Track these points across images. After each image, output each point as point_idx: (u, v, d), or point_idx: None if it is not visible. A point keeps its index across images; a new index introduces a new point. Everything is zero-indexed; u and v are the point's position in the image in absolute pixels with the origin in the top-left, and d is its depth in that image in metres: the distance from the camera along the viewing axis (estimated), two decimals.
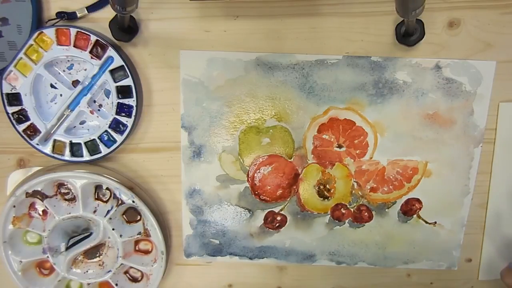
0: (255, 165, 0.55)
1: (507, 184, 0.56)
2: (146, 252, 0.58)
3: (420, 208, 0.57)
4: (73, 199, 0.56)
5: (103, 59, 0.50)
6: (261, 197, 0.56)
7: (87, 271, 0.58)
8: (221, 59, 0.52)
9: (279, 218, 0.57)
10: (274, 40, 0.51)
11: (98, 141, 0.52)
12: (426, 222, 0.57)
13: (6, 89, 0.50)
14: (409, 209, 0.57)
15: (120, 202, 0.55)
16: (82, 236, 0.58)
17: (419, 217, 0.57)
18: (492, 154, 0.55)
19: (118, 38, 0.50)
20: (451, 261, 0.59)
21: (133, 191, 0.54)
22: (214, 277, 0.61)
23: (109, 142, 0.53)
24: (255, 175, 0.56)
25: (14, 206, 0.54)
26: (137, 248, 0.58)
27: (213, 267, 0.60)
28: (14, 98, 0.51)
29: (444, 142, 0.54)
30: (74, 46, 0.49)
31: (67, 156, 0.53)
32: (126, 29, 0.49)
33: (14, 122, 0.51)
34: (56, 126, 0.52)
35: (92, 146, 0.53)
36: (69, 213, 0.54)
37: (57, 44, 0.49)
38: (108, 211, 0.54)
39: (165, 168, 0.56)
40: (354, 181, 0.56)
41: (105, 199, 0.56)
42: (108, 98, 0.53)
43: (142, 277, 0.59)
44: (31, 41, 0.49)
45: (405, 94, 0.53)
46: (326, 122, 0.54)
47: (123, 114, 0.51)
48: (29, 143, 0.52)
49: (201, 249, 0.59)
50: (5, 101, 0.51)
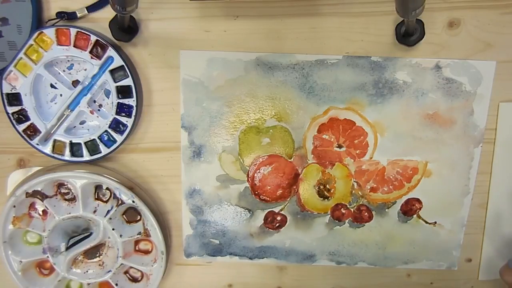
0: (255, 165, 0.55)
1: (507, 184, 0.56)
2: (146, 252, 0.58)
3: (420, 208, 0.57)
4: (73, 199, 0.56)
5: (103, 59, 0.50)
6: (261, 197, 0.56)
7: (87, 271, 0.58)
8: (221, 59, 0.52)
9: (279, 218, 0.57)
10: (274, 40, 0.51)
11: (98, 141, 0.52)
12: (426, 222, 0.57)
13: (6, 89, 0.50)
14: (409, 209, 0.57)
15: (120, 202, 0.55)
16: (82, 236, 0.58)
17: (419, 217, 0.57)
18: (492, 154, 0.55)
19: (118, 38, 0.50)
20: (451, 261, 0.59)
21: (133, 191, 0.54)
22: (214, 277, 0.61)
23: (109, 142, 0.53)
24: (255, 175, 0.56)
25: (14, 206, 0.54)
26: (137, 248, 0.58)
27: (213, 267, 0.60)
28: (14, 98, 0.51)
29: (444, 142, 0.54)
30: (74, 46, 0.49)
31: (67, 156, 0.53)
32: (126, 29, 0.49)
33: (14, 122, 0.51)
34: (56, 126, 0.52)
35: (92, 146, 0.53)
36: (69, 213, 0.54)
37: (57, 44, 0.49)
38: (108, 211, 0.54)
39: (165, 168, 0.56)
40: (354, 181, 0.56)
41: (105, 199, 0.56)
42: (108, 98, 0.53)
43: (142, 277, 0.59)
44: (31, 41, 0.49)
45: (405, 94, 0.53)
46: (326, 122, 0.54)
47: (123, 114, 0.51)
48: (29, 143, 0.52)
49: (201, 249, 0.59)
50: (5, 101, 0.51)
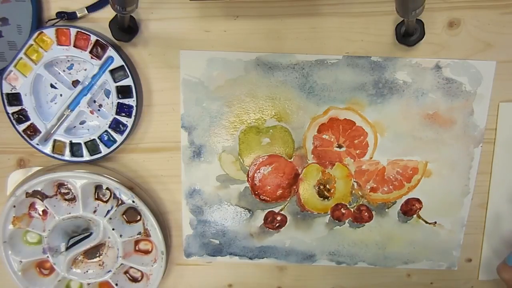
0: (255, 165, 0.55)
1: (507, 184, 0.56)
2: (146, 252, 0.58)
3: (420, 208, 0.57)
4: (73, 199, 0.56)
5: (103, 59, 0.50)
6: (261, 197, 0.56)
7: (87, 271, 0.58)
8: (221, 59, 0.52)
9: (279, 218, 0.57)
10: (274, 40, 0.51)
11: (98, 141, 0.52)
12: (426, 222, 0.57)
13: (6, 89, 0.50)
14: (409, 209, 0.57)
15: (120, 202, 0.55)
16: (82, 236, 0.58)
17: (419, 217, 0.57)
18: (492, 154, 0.55)
19: (118, 38, 0.50)
20: (451, 261, 0.59)
21: (133, 191, 0.54)
22: (214, 277, 0.61)
23: (109, 142, 0.53)
24: (255, 175, 0.56)
25: (14, 206, 0.54)
26: (137, 248, 0.58)
27: (213, 267, 0.60)
28: (14, 98, 0.51)
29: (444, 142, 0.54)
30: (74, 46, 0.49)
31: (67, 156, 0.53)
32: (126, 29, 0.49)
33: (14, 122, 0.51)
34: (56, 126, 0.52)
35: (92, 146, 0.53)
36: (69, 213, 0.54)
37: (57, 44, 0.49)
38: (108, 211, 0.54)
39: (165, 168, 0.56)
40: (354, 181, 0.56)
41: (105, 199, 0.56)
42: (108, 98, 0.53)
43: (142, 277, 0.59)
44: (31, 41, 0.49)
45: (405, 94, 0.53)
46: (326, 122, 0.54)
47: (123, 114, 0.51)
48: (29, 143, 0.52)
49: (201, 249, 0.59)
50: (5, 101, 0.51)
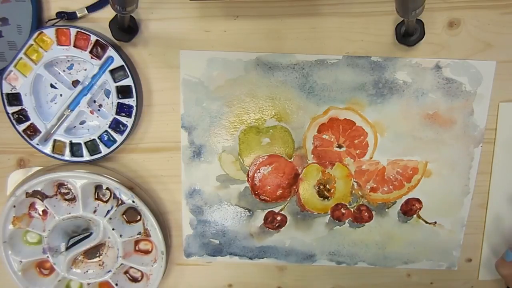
0: (255, 165, 0.55)
1: (507, 184, 0.56)
2: (146, 252, 0.58)
3: (420, 208, 0.57)
4: (73, 199, 0.56)
5: (103, 59, 0.50)
6: (261, 197, 0.56)
7: (87, 271, 0.58)
8: (221, 59, 0.52)
9: (279, 218, 0.57)
10: (274, 40, 0.51)
11: (98, 141, 0.52)
12: (426, 222, 0.57)
13: (6, 89, 0.50)
14: (409, 209, 0.57)
15: (120, 202, 0.55)
16: (82, 236, 0.58)
17: (419, 217, 0.57)
18: (492, 154, 0.55)
19: (118, 38, 0.50)
20: (451, 261, 0.59)
21: (133, 191, 0.54)
22: (214, 277, 0.61)
23: (109, 142, 0.53)
24: (255, 175, 0.56)
25: (14, 206, 0.54)
26: (137, 248, 0.58)
27: (213, 267, 0.60)
28: (14, 98, 0.51)
29: (444, 142, 0.54)
30: (74, 46, 0.49)
31: (67, 156, 0.53)
32: (126, 29, 0.49)
33: (14, 122, 0.51)
34: (56, 126, 0.52)
35: (92, 146, 0.53)
36: (69, 213, 0.54)
37: (57, 44, 0.49)
38: (108, 211, 0.54)
39: (165, 168, 0.56)
40: (354, 181, 0.56)
41: (105, 199, 0.56)
42: (108, 98, 0.53)
43: (142, 277, 0.59)
44: (31, 41, 0.49)
45: (405, 94, 0.53)
46: (326, 122, 0.54)
47: (123, 114, 0.51)
48: (29, 143, 0.52)
49: (201, 249, 0.59)
50: (5, 101, 0.51)
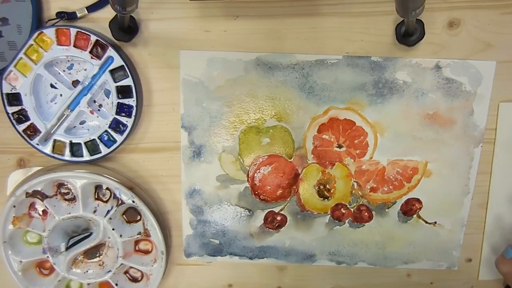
0: (255, 165, 0.55)
1: (507, 184, 0.56)
2: (146, 252, 0.58)
3: (420, 208, 0.57)
4: (73, 199, 0.56)
5: (103, 59, 0.50)
6: (261, 197, 0.56)
7: (87, 271, 0.58)
8: (221, 59, 0.52)
9: (279, 218, 0.57)
10: (274, 40, 0.51)
11: (98, 141, 0.52)
12: (426, 222, 0.57)
13: (6, 89, 0.50)
14: (409, 209, 0.57)
15: (120, 202, 0.55)
16: (82, 236, 0.58)
17: (419, 217, 0.57)
18: (492, 154, 0.55)
19: (118, 38, 0.50)
20: (451, 261, 0.59)
21: (133, 191, 0.54)
22: (214, 277, 0.61)
23: (109, 142, 0.53)
24: (255, 175, 0.56)
25: (14, 206, 0.54)
26: (137, 248, 0.58)
27: (213, 267, 0.60)
28: (14, 98, 0.51)
29: (444, 142, 0.54)
30: (74, 46, 0.49)
31: (67, 156, 0.53)
32: (126, 29, 0.49)
33: (14, 122, 0.51)
34: (56, 126, 0.52)
35: (92, 146, 0.53)
36: (69, 213, 0.54)
37: (57, 44, 0.49)
38: (108, 211, 0.54)
39: (165, 168, 0.56)
40: (354, 181, 0.56)
41: (105, 199, 0.56)
42: (108, 98, 0.53)
43: (142, 277, 0.59)
44: (31, 41, 0.49)
45: (405, 94, 0.53)
46: (326, 122, 0.54)
47: (123, 114, 0.51)
48: (29, 143, 0.52)
49: (201, 249, 0.59)
50: (5, 101, 0.51)
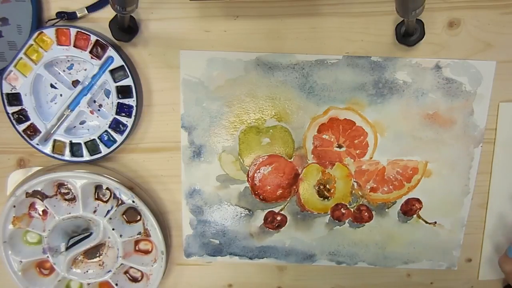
0: (255, 165, 0.55)
1: (507, 184, 0.56)
2: (146, 252, 0.58)
3: (420, 208, 0.57)
4: (73, 199, 0.56)
5: (103, 59, 0.50)
6: (261, 197, 0.56)
7: (87, 271, 0.58)
8: (221, 59, 0.52)
9: (279, 218, 0.57)
10: (274, 40, 0.51)
11: (98, 141, 0.52)
12: (426, 222, 0.57)
13: (6, 89, 0.50)
14: (409, 209, 0.57)
15: (120, 202, 0.55)
16: (82, 236, 0.58)
17: (419, 217, 0.57)
18: (492, 154, 0.55)
19: (118, 38, 0.50)
20: (451, 261, 0.59)
21: (133, 191, 0.54)
22: (214, 277, 0.61)
23: (109, 142, 0.53)
24: (255, 175, 0.56)
25: (14, 206, 0.54)
26: (137, 248, 0.58)
27: (213, 267, 0.60)
28: (14, 98, 0.51)
29: (444, 142, 0.54)
30: (74, 46, 0.49)
31: (67, 156, 0.53)
32: (126, 29, 0.49)
33: (14, 122, 0.51)
34: (56, 126, 0.52)
35: (92, 146, 0.53)
36: (69, 213, 0.54)
37: (57, 44, 0.49)
38: (108, 211, 0.54)
39: (165, 168, 0.56)
40: (354, 181, 0.56)
41: (105, 199, 0.56)
42: (108, 98, 0.53)
43: (142, 277, 0.59)
44: (31, 41, 0.49)
45: (405, 94, 0.53)
46: (326, 122, 0.54)
47: (123, 114, 0.51)
48: (29, 143, 0.52)
49: (201, 249, 0.59)
50: (5, 101, 0.51)
